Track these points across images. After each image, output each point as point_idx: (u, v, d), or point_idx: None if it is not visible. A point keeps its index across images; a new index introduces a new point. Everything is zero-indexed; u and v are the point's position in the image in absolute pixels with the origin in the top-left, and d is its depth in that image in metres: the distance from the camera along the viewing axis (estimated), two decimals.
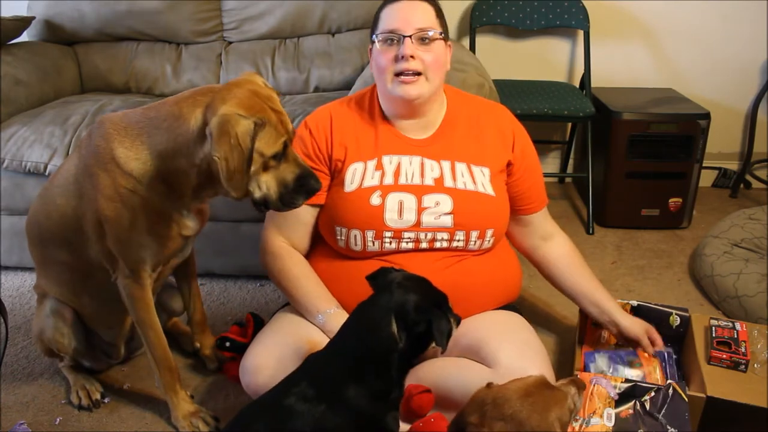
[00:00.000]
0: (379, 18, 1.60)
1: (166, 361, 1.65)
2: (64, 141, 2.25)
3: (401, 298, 1.26)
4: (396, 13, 1.56)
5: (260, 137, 1.33)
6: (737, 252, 2.28)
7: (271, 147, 1.35)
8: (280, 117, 1.38)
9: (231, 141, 1.30)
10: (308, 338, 1.54)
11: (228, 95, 1.35)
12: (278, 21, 2.80)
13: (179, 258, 1.67)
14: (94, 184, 1.48)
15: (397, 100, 1.58)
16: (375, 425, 1.26)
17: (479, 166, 1.63)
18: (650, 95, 2.92)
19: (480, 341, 1.53)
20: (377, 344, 1.25)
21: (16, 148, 2.25)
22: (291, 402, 1.22)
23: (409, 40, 1.52)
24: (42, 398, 1.82)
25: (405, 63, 1.53)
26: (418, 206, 1.56)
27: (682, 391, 1.48)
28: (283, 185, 1.40)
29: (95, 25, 2.81)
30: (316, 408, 1.21)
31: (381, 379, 1.25)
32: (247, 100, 1.35)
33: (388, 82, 1.56)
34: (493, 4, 2.98)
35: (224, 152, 1.30)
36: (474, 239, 1.60)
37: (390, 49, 1.55)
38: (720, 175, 3.25)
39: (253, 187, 1.39)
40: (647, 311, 1.85)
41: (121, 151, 1.45)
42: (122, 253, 1.51)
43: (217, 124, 1.31)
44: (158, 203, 1.47)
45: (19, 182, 2.28)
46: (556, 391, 1.26)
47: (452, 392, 1.48)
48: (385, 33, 1.55)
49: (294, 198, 1.42)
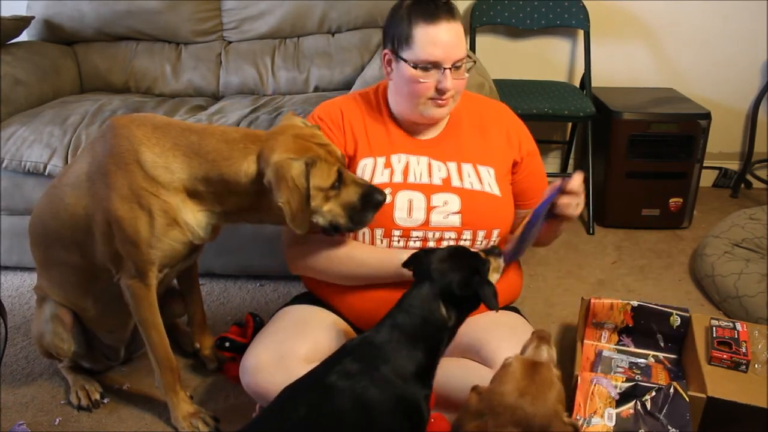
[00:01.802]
0: (411, 37, 1.50)
1: (167, 361, 1.65)
2: (63, 141, 2.24)
3: (443, 281, 1.31)
4: (437, 41, 1.49)
5: (314, 174, 1.41)
6: (738, 252, 2.28)
7: (327, 179, 1.43)
8: (327, 149, 1.45)
9: (289, 185, 1.38)
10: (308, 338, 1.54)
11: (276, 144, 1.43)
12: (278, 21, 2.79)
13: (188, 262, 1.68)
14: (108, 182, 1.49)
15: (427, 118, 1.59)
16: (411, 407, 1.26)
17: (485, 166, 1.63)
18: (650, 95, 2.92)
19: (480, 341, 1.53)
20: (429, 328, 1.31)
21: (16, 148, 2.25)
22: (333, 380, 1.23)
23: (449, 71, 1.51)
24: (41, 398, 1.82)
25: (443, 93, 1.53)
26: (427, 205, 1.56)
27: (683, 391, 1.48)
28: (349, 208, 1.46)
29: (95, 25, 2.81)
30: (359, 383, 1.23)
31: (430, 355, 1.30)
32: (294, 144, 1.43)
33: (419, 105, 1.56)
34: (493, 4, 2.98)
35: (286, 197, 1.38)
36: (480, 239, 1.60)
37: (427, 75, 1.51)
38: (720, 175, 3.25)
39: (318, 218, 1.45)
40: (648, 311, 1.85)
41: (149, 156, 1.47)
42: (131, 253, 1.51)
43: (273, 173, 1.39)
44: (176, 208, 1.49)
45: (18, 182, 2.28)
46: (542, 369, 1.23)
47: (452, 392, 1.47)
48: (424, 63, 1.50)
49: (364, 216, 1.48)
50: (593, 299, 1.89)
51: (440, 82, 1.51)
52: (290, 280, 2.36)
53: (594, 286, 2.37)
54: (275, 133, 1.47)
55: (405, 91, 1.56)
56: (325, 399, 1.22)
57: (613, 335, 1.90)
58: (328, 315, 1.63)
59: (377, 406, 1.22)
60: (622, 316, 1.87)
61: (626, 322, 1.88)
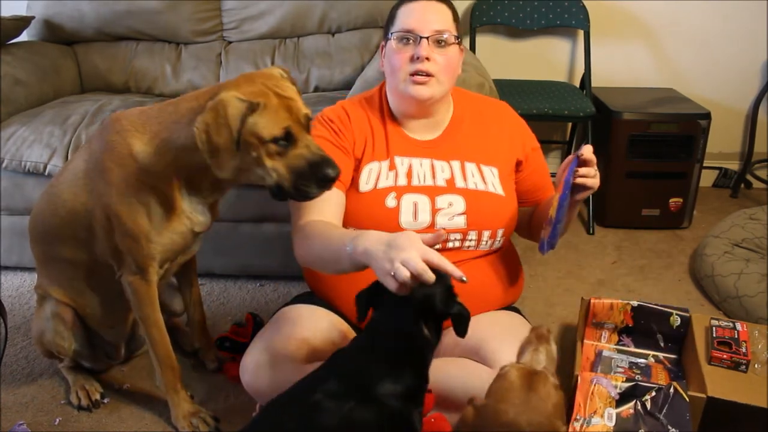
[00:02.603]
0: (395, 16, 1.59)
1: (168, 359, 1.65)
2: (63, 141, 2.24)
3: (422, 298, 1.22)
4: (414, 12, 1.55)
5: (255, 119, 1.32)
6: (738, 252, 2.28)
7: (270, 130, 1.33)
8: (286, 102, 1.36)
9: (218, 119, 1.30)
10: (308, 338, 1.54)
11: (233, 84, 1.37)
12: (278, 21, 2.79)
13: (187, 255, 1.68)
14: (106, 179, 1.49)
15: (408, 99, 1.58)
16: (402, 423, 1.25)
17: (488, 165, 1.63)
18: (650, 95, 2.92)
19: (480, 341, 1.53)
20: (412, 346, 1.24)
21: (16, 148, 2.25)
22: (318, 398, 1.21)
23: (426, 42, 1.52)
24: (41, 398, 1.82)
25: (420, 64, 1.53)
26: (432, 207, 1.56)
27: (683, 391, 1.48)
28: (295, 173, 1.36)
29: (95, 25, 2.80)
30: (345, 404, 1.19)
31: (418, 377, 1.25)
32: (250, 87, 1.34)
33: (400, 81, 1.56)
34: (493, 4, 2.98)
35: (205, 124, 1.30)
36: (486, 239, 1.60)
37: (405, 48, 1.54)
38: (720, 175, 3.25)
39: (263, 174, 1.37)
40: (648, 311, 1.85)
41: (140, 147, 1.46)
42: (132, 248, 1.51)
43: (211, 104, 1.32)
44: (174, 198, 1.48)
45: (18, 182, 2.28)
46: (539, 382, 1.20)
47: (453, 392, 1.47)
48: (401, 32, 1.54)
49: (308, 187, 1.36)
50: (593, 299, 1.89)
51: (416, 51, 1.53)
52: (290, 280, 2.36)
53: (594, 286, 2.37)
54: (244, 75, 1.41)
55: (389, 70, 1.59)
56: (311, 418, 1.19)
57: (613, 335, 1.90)
58: (328, 315, 1.63)
59: (366, 427, 1.19)
60: (622, 316, 1.87)
61: (626, 322, 1.88)
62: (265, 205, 2.18)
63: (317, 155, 1.36)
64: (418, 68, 1.53)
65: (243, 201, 2.19)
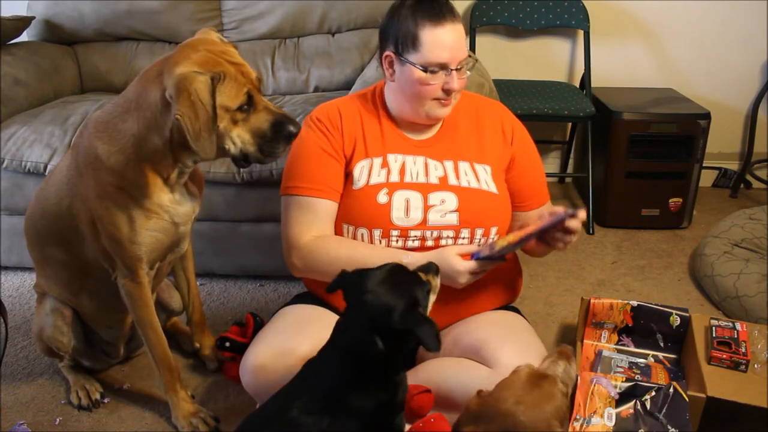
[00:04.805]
0: (417, 39, 1.50)
1: (165, 360, 1.65)
2: (63, 141, 2.25)
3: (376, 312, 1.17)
4: (442, 41, 1.50)
5: (221, 91, 1.32)
6: (737, 252, 2.28)
7: (235, 99, 1.34)
8: (239, 68, 1.36)
9: (191, 98, 1.29)
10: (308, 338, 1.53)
11: (181, 57, 1.35)
12: (278, 21, 2.79)
13: (176, 253, 1.66)
14: (85, 184, 1.49)
15: (428, 118, 1.60)
16: (384, 428, 1.24)
17: (481, 164, 1.63)
18: (650, 95, 2.92)
19: (480, 341, 1.53)
20: (370, 361, 1.19)
21: (16, 148, 2.25)
22: (294, 415, 1.18)
23: (455, 73, 1.52)
24: (42, 398, 1.82)
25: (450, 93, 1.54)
26: (424, 204, 1.57)
27: (682, 391, 1.48)
28: (259, 136, 1.38)
29: (95, 25, 2.80)
30: (322, 420, 1.17)
31: (384, 390, 1.22)
32: (201, 57, 1.33)
33: (425, 105, 1.56)
34: (493, 4, 2.98)
35: (185, 110, 1.29)
36: (479, 237, 1.60)
37: (434, 77, 1.52)
38: (720, 175, 3.25)
39: (228, 144, 1.37)
40: (647, 311, 1.85)
41: (103, 148, 1.44)
42: (118, 251, 1.51)
43: (173, 84, 1.30)
44: (148, 194, 1.46)
45: (19, 182, 2.28)
46: (545, 382, 1.24)
47: (452, 392, 1.47)
48: (434, 66, 1.50)
49: (274, 147, 1.38)
50: (593, 299, 1.89)
51: (447, 83, 1.52)
52: (290, 280, 2.36)
53: (594, 286, 2.37)
54: (184, 47, 1.38)
55: (410, 93, 1.56)
56: None
57: (612, 335, 1.90)
58: (328, 314, 1.63)
59: None
60: (621, 316, 1.87)
61: (626, 322, 1.88)
62: (265, 205, 2.19)
63: (277, 114, 1.38)
64: (447, 96, 1.54)
65: (243, 201, 2.19)
